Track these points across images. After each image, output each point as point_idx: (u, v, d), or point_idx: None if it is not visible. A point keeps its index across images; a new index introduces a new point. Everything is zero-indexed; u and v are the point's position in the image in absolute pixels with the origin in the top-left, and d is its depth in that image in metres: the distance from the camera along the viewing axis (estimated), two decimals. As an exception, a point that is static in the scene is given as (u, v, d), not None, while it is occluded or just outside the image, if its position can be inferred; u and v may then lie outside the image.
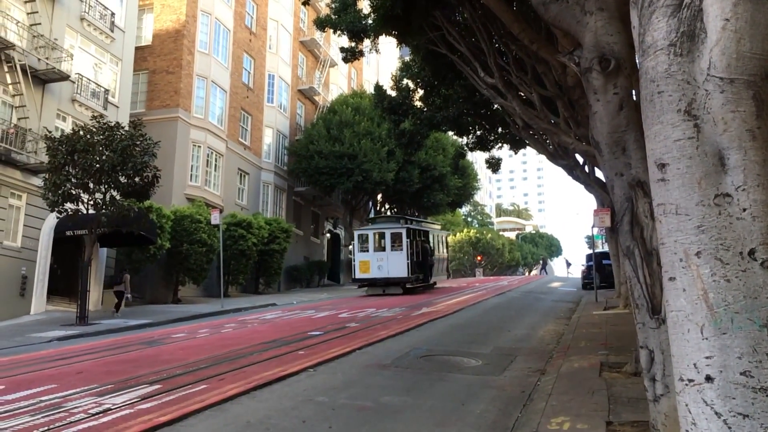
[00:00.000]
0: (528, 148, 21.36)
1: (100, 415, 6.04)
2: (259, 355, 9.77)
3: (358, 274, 26.27)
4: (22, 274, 21.32)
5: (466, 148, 23.75)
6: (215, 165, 32.18)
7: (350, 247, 27.31)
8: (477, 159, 66.97)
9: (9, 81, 20.96)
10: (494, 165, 23.72)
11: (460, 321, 15.09)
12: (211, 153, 31.76)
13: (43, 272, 22.04)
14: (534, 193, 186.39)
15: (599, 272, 24.59)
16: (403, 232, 25.81)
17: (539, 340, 11.74)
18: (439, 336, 12.20)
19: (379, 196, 44.44)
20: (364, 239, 26.63)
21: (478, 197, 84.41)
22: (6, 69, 20.79)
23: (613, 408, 5.91)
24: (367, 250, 26.14)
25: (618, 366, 8.03)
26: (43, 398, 6.97)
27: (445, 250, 34.57)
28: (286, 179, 39.91)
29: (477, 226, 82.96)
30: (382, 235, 26.35)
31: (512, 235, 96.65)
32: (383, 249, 25.94)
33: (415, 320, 14.80)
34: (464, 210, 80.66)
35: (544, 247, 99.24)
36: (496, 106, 17.24)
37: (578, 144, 12.40)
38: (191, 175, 30.42)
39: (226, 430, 5.56)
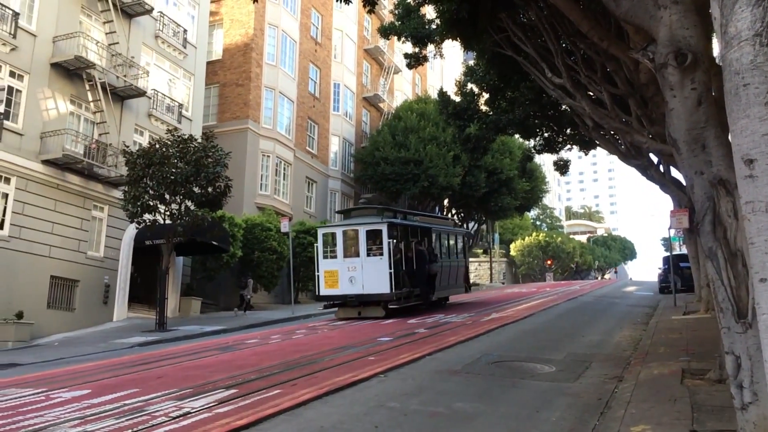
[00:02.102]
0: (598, 148, 20.81)
1: (181, 418, 6.23)
2: (330, 361, 9.86)
3: (323, 290, 18.84)
4: (105, 282, 22.32)
5: (533, 151, 23.34)
6: (284, 174, 32.84)
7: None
8: (545, 161, 65.82)
9: (90, 98, 22.05)
10: (563, 167, 23.23)
11: (532, 326, 14.82)
12: (280, 162, 32.43)
13: (124, 281, 23.01)
14: (605, 195, 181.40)
15: (677, 275, 23.67)
16: (384, 229, 18.26)
17: (615, 346, 11.38)
18: (510, 342, 12.01)
19: (446, 201, 44.22)
20: (330, 240, 19.25)
21: (547, 200, 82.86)
22: (87, 87, 21.88)
23: (697, 416, 5.65)
24: (335, 256, 18.84)
25: (701, 373, 7.69)
26: (126, 402, 7.25)
27: (462, 256, 24.93)
28: (352, 186, 40.31)
29: (546, 229, 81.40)
30: (353, 235, 18.88)
31: (583, 238, 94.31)
32: (356, 254, 18.55)
33: (484, 326, 14.63)
34: (532, 213, 79.29)
35: (618, 250, 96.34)
36: (564, 106, 16.89)
37: (652, 143, 11.99)
38: (261, 184, 31.15)
39: (300, 435, 5.64)
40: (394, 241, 18.60)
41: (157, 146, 19.78)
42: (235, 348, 12.81)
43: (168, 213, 19.84)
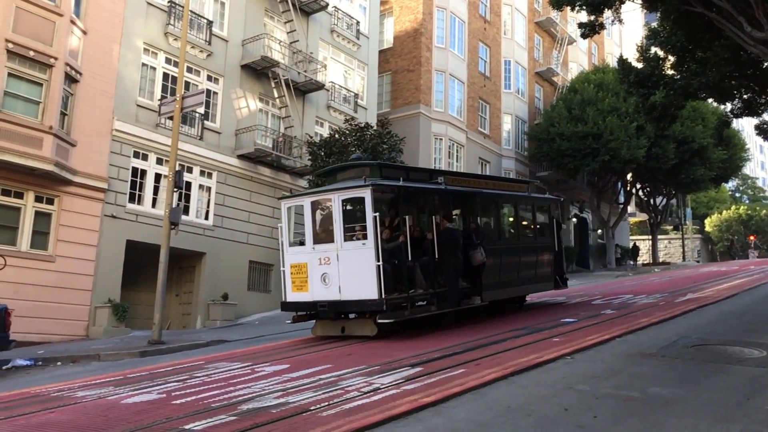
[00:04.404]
0: (811, 107, 18.33)
1: (372, 393, 6.51)
2: (512, 342, 9.74)
3: (290, 294, 12.36)
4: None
5: (730, 116, 21.17)
6: (456, 156, 32.91)
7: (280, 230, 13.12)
8: (744, 126, 59.54)
9: (276, 95, 23.67)
10: (767, 132, 20.79)
11: (736, 308, 13.51)
12: (452, 144, 32.54)
13: (312, 264, 24.48)
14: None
15: None
16: (366, 196, 11.36)
17: (840, 330, 10.02)
18: (711, 324, 11.04)
19: (629, 176, 41.67)
20: (295, 217, 13.57)
21: (748, 169, 74.94)
22: (273, 85, 23.50)
23: None
24: (304, 241, 12.47)
25: None
26: (321, 377, 7.73)
27: (549, 236, 16.68)
28: (527, 165, 39.41)
29: (747, 202, 73.62)
30: (327, 207, 12.45)
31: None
32: (329, 239, 11.91)
33: (679, 307, 13.59)
34: (730, 185, 72.13)
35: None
36: (767, 63, 15.09)
37: None
38: (435, 167, 31.47)
39: (487, 414, 5.63)
40: (392, 215, 12.51)
41: (336, 136, 20.75)
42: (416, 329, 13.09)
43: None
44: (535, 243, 16.04)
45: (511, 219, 16.12)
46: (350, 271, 11.49)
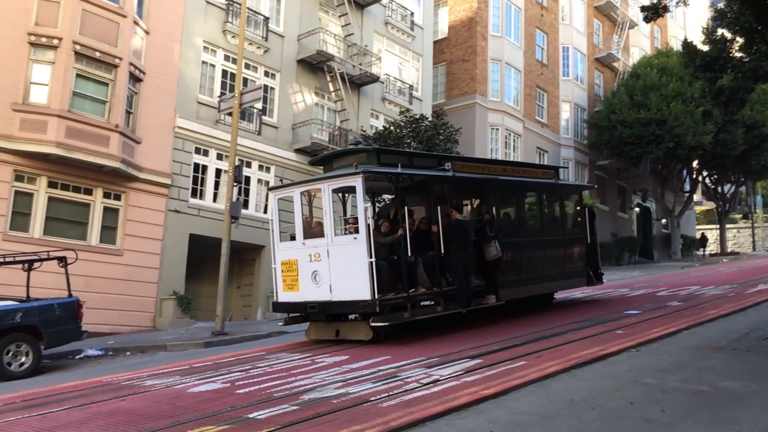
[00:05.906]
0: None
1: (431, 385, 6.51)
2: (574, 334, 9.56)
3: (281, 294, 11.50)
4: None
5: (804, 97, 20.16)
6: (513, 146, 32.46)
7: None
8: (819, 109, 56.44)
9: (332, 89, 23.84)
10: None
11: (811, 299, 12.88)
12: (509, 134, 32.11)
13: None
14: None
15: None
16: (358, 185, 10.49)
17: None
18: (785, 316, 10.58)
19: (695, 163, 40.19)
20: (285, 209, 12.30)
21: (823, 154, 71.04)
22: (328, 78, 23.68)
23: None
24: (294, 236, 11.55)
25: None
26: (380, 368, 7.78)
27: (579, 227, 14.87)
28: (587, 154, 38.52)
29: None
30: (313, 199, 11.90)
31: None
32: (320, 233, 11.10)
33: (750, 298, 13.06)
34: (805, 171, 68.62)
35: None
36: None
37: None
38: (491, 157, 31.10)
39: (550, 407, 5.54)
40: (393, 205, 11.65)
41: (392, 128, 20.77)
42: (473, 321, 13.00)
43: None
44: (563, 235, 14.38)
45: (533, 209, 14.89)
46: (341, 268, 10.45)
